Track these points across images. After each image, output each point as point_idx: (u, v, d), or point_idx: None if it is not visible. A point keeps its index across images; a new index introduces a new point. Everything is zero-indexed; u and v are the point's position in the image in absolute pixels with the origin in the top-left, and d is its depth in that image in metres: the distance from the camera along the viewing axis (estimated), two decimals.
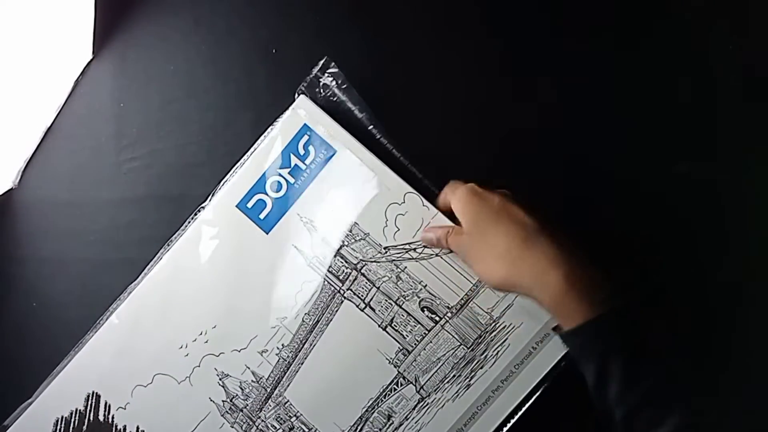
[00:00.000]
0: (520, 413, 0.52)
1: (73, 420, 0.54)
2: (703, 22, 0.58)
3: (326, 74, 0.56)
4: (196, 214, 0.56)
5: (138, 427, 0.54)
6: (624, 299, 0.45)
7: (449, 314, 0.53)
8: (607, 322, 0.44)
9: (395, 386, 0.53)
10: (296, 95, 0.56)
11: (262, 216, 0.55)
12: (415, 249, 0.54)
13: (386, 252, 0.54)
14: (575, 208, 0.49)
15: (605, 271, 0.46)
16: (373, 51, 0.60)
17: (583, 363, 0.45)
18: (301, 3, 0.60)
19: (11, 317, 0.59)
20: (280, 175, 0.56)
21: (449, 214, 0.53)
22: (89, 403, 0.55)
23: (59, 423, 0.54)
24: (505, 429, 0.52)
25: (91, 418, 0.54)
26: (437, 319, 0.53)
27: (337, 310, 0.54)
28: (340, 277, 0.54)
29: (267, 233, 0.55)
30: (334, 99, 0.56)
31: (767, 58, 0.58)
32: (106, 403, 0.55)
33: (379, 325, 0.54)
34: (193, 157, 0.59)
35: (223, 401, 0.54)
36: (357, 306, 0.54)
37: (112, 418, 0.54)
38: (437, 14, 0.60)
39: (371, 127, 0.55)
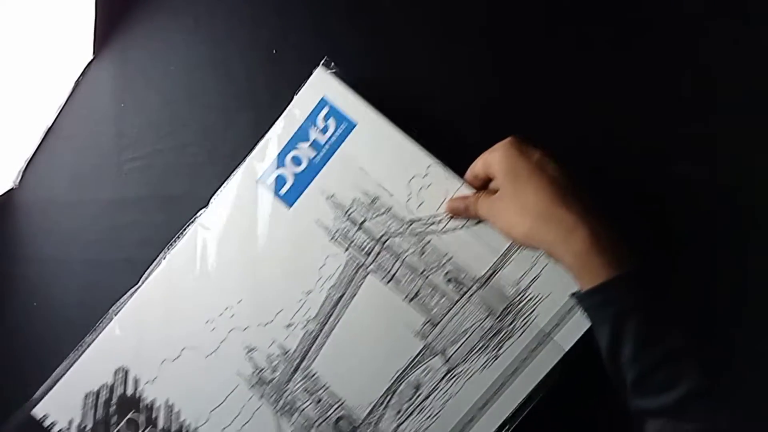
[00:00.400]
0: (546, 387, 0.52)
1: (102, 394, 0.55)
2: (704, 22, 0.57)
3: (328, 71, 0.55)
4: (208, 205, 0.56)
5: (167, 401, 0.55)
6: (645, 262, 0.45)
7: (476, 286, 0.53)
8: (626, 282, 0.44)
9: (422, 358, 0.53)
10: (295, 94, 0.55)
11: (283, 191, 0.55)
12: (439, 221, 0.53)
13: (410, 225, 0.53)
14: None
15: (627, 237, 0.46)
16: (373, 51, 0.59)
17: (599, 324, 0.46)
18: (301, 3, 0.59)
19: (12, 317, 0.59)
20: (300, 149, 0.55)
21: (478, 187, 0.52)
22: (118, 377, 0.55)
23: (89, 397, 0.55)
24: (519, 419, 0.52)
25: (120, 393, 0.55)
26: (464, 291, 0.53)
27: (361, 284, 0.54)
28: (364, 251, 0.54)
29: (289, 208, 0.55)
30: None
31: (767, 58, 0.56)
32: (134, 378, 0.55)
33: (404, 298, 0.53)
34: (194, 157, 0.59)
35: (250, 374, 0.55)
36: (381, 279, 0.54)
37: (141, 392, 0.55)
38: (435, 13, 0.59)
39: None
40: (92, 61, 0.61)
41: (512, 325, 0.52)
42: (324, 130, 0.54)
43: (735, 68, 0.57)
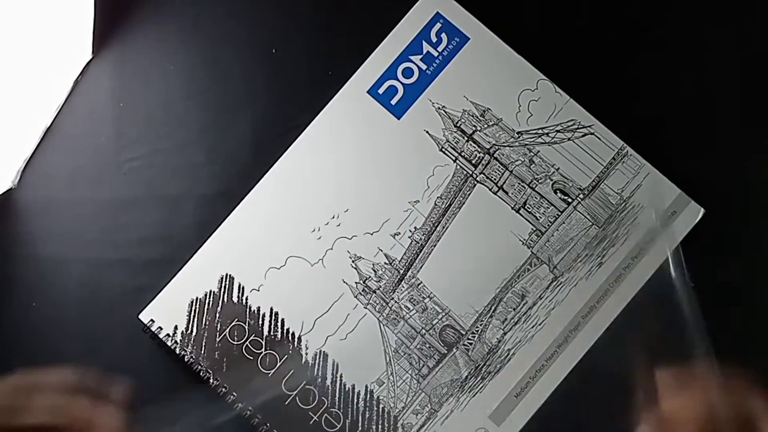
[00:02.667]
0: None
1: (207, 301, 0.54)
2: (704, 22, 0.59)
3: None
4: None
5: (272, 309, 0.54)
6: None
7: (581, 195, 0.55)
8: None
9: (529, 266, 0.55)
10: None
11: (393, 102, 0.56)
12: (547, 134, 0.55)
13: (519, 136, 0.56)
14: None
15: None
16: (373, 50, 0.59)
17: None
18: (301, 2, 0.61)
19: (11, 317, 0.57)
20: (411, 61, 0.56)
21: None
22: (223, 285, 0.54)
23: (194, 304, 0.54)
24: None
25: (225, 300, 0.54)
26: (570, 200, 0.55)
27: (469, 194, 0.55)
28: (473, 162, 0.56)
29: (398, 119, 0.56)
30: None
31: (767, 58, 0.60)
32: (239, 285, 0.55)
33: (512, 208, 0.55)
34: (193, 157, 0.59)
35: (356, 283, 0.55)
36: (489, 189, 0.55)
37: (246, 299, 0.54)
38: None
39: None
40: (91, 60, 0.60)
41: (615, 234, 0.55)
42: (437, 44, 0.56)
43: (735, 67, 0.59)
